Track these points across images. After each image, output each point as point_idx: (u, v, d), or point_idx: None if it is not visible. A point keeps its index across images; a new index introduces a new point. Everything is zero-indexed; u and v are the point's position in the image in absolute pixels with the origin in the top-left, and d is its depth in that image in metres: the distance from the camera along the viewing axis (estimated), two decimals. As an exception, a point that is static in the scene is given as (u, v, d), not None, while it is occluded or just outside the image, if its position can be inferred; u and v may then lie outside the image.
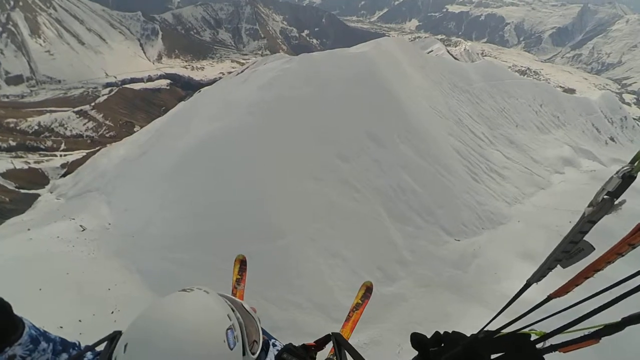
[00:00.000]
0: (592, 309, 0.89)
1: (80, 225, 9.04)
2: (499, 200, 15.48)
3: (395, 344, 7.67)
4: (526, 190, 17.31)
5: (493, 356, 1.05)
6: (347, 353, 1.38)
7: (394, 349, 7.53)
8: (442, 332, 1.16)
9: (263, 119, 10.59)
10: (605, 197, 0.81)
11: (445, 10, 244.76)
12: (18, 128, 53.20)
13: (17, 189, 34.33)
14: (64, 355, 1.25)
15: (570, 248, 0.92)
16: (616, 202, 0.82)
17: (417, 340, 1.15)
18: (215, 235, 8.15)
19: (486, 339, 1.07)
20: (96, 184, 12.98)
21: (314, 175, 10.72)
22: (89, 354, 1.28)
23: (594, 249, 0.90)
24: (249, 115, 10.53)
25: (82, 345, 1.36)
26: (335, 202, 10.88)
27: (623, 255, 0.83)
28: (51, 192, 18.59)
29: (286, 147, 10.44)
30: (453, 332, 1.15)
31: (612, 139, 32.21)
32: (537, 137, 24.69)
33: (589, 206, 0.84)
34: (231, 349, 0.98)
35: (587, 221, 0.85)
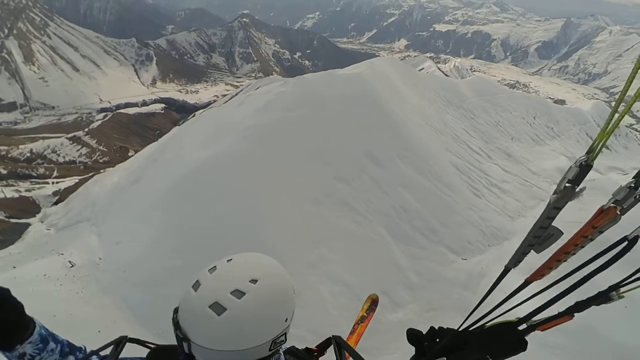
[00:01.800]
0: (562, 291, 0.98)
1: (69, 261, 8.57)
2: (502, 215, 15.20)
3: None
4: (527, 203, 17.06)
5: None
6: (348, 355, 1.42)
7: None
8: (436, 328, 1.21)
9: (258, 143, 10.33)
10: (567, 185, 0.87)
11: (432, 29, 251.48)
12: (10, 156, 52.46)
13: (7, 219, 33.43)
14: (71, 358, 1.28)
15: (541, 233, 0.98)
16: (577, 190, 0.88)
17: (413, 335, 1.21)
18: (210, 267, 7.71)
19: (473, 331, 1.15)
20: (87, 213, 12.54)
21: (312, 198, 10.40)
22: (94, 358, 1.31)
23: (562, 233, 0.96)
24: (243, 140, 10.28)
25: (88, 350, 1.37)
26: (336, 225, 10.52)
27: (592, 239, 0.90)
28: (42, 222, 18.05)
29: (282, 171, 10.15)
30: (447, 328, 1.20)
31: (606, 147, 32.38)
32: (533, 149, 24.72)
33: (553, 194, 0.90)
34: (294, 294, 1.17)
35: (553, 207, 0.91)
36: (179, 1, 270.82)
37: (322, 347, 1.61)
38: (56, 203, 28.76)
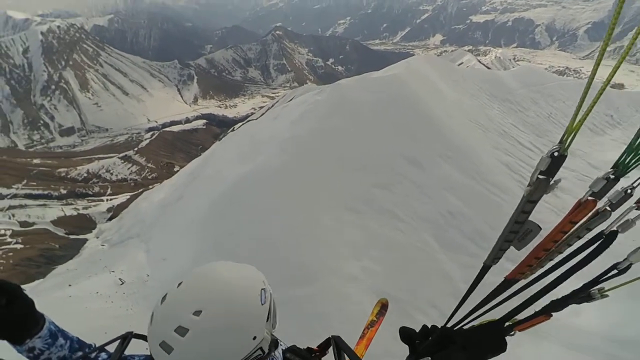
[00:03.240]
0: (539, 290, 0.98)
1: (119, 279, 8.87)
2: (561, 216, 13.79)
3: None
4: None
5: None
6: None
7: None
8: (429, 326, 1.23)
9: (294, 155, 10.17)
10: (540, 176, 0.82)
11: (469, 21, 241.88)
12: (69, 176, 57.39)
13: (66, 235, 36.42)
14: (80, 354, 1.30)
15: (517, 228, 0.94)
16: (552, 182, 0.82)
17: (405, 334, 1.21)
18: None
19: (459, 330, 1.15)
20: (136, 229, 13.10)
21: (351, 208, 10.02)
22: (103, 354, 1.34)
23: (541, 228, 0.92)
24: (280, 153, 10.17)
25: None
26: (378, 234, 10.04)
27: (579, 237, 0.86)
28: (97, 237, 19.26)
29: (319, 181, 9.89)
30: (441, 327, 1.19)
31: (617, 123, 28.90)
32: (591, 140, 22.58)
33: (527, 186, 0.85)
34: (262, 304, 1.09)
35: (527, 201, 0.87)
36: (216, 21, 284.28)
37: (323, 347, 1.60)
38: (110, 219, 30.84)
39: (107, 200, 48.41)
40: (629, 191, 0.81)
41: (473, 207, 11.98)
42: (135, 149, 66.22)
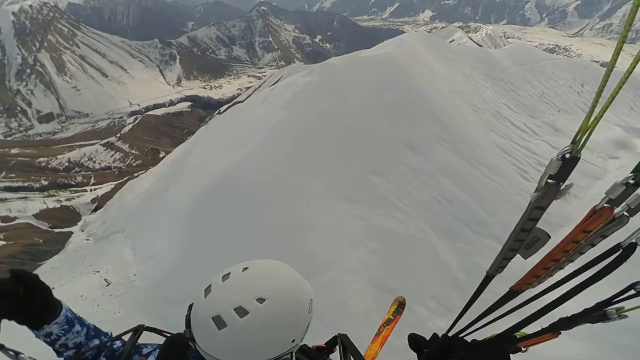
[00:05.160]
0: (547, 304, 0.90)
1: (105, 279, 8.41)
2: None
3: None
4: (581, 183, 15.33)
5: None
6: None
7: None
8: (439, 335, 1.20)
9: (286, 142, 9.65)
10: (549, 181, 0.76)
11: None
12: (49, 166, 55.23)
13: (50, 229, 35.30)
14: (96, 341, 1.34)
15: (524, 237, 0.89)
16: (562, 187, 0.77)
17: (413, 341, 1.22)
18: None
19: (463, 341, 1.12)
20: (122, 223, 12.54)
21: (348, 197, 9.64)
22: (118, 343, 1.39)
23: (550, 237, 0.87)
24: (270, 140, 9.62)
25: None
26: (374, 224, 9.73)
27: (593, 245, 0.79)
28: (82, 231, 18.62)
29: (313, 169, 9.43)
30: (443, 335, 1.17)
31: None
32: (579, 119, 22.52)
33: (535, 191, 0.80)
34: (308, 313, 1.12)
35: (535, 207, 0.81)
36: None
37: (330, 345, 1.62)
38: (95, 210, 29.94)
39: (90, 190, 46.83)
40: None
41: (469, 192, 11.75)
42: (118, 134, 63.84)
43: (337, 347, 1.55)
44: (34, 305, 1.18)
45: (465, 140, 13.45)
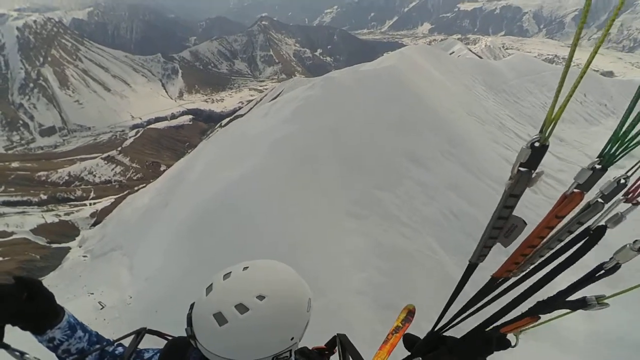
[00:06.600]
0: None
1: (99, 302, 8.03)
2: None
3: None
4: (588, 194, 15.02)
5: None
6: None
7: None
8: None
9: (288, 158, 9.38)
10: (521, 169, 0.79)
11: (457, 9, 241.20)
12: (49, 180, 54.91)
13: (48, 244, 34.74)
14: (98, 347, 1.35)
15: (502, 224, 0.90)
16: (534, 174, 0.79)
17: (409, 341, 1.28)
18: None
19: (450, 337, 1.17)
20: (120, 240, 12.24)
21: (352, 213, 9.31)
22: (119, 348, 1.40)
23: (526, 224, 0.89)
24: (272, 155, 9.35)
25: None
26: (380, 241, 9.37)
27: (571, 232, 0.81)
28: (80, 246, 18.29)
29: (317, 186, 9.13)
30: (432, 328, 1.21)
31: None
32: (587, 131, 22.31)
33: (509, 179, 0.82)
34: (307, 311, 1.15)
35: (509, 195, 0.84)
36: (199, 12, 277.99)
37: (331, 346, 1.63)
38: (94, 224, 29.52)
39: (90, 204, 46.36)
40: (622, 181, 0.76)
41: (476, 206, 11.41)
42: (119, 148, 63.70)
43: (336, 348, 1.55)
44: (37, 310, 1.20)
45: (471, 153, 13.20)
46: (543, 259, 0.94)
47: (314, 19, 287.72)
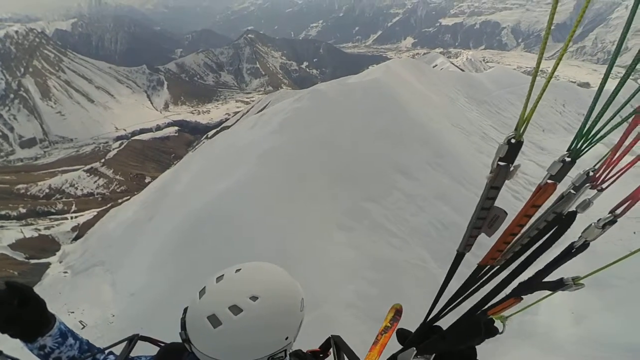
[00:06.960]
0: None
1: (80, 322, 7.71)
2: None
3: None
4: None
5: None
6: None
7: None
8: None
9: (276, 169, 9.32)
10: (500, 163, 0.85)
11: (439, 24, 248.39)
12: (29, 193, 53.01)
13: (27, 260, 33.30)
14: (89, 354, 1.34)
15: (485, 215, 0.97)
16: (512, 168, 0.86)
17: (402, 336, 1.26)
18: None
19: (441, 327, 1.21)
20: (102, 255, 11.86)
21: (342, 225, 9.27)
22: (111, 356, 1.41)
23: (507, 213, 0.95)
24: (260, 167, 9.28)
25: (106, 352, 1.42)
26: (370, 252, 9.35)
27: (547, 221, 0.88)
28: (60, 262, 17.64)
29: (305, 198, 9.08)
30: (424, 320, 1.23)
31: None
32: (566, 139, 22.94)
33: (490, 173, 0.89)
34: (300, 311, 1.17)
35: (491, 187, 0.90)
36: (185, 25, 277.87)
37: (325, 348, 1.62)
38: (76, 239, 28.55)
39: (71, 218, 44.87)
40: (591, 173, 0.83)
41: (465, 215, 11.52)
42: (102, 160, 62.14)
43: (331, 349, 1.56)
44: (29, 317, 1.17)
45: (457, 163, 13.40)
46: (523, 244, 0.99)
47: (299, 32, 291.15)
